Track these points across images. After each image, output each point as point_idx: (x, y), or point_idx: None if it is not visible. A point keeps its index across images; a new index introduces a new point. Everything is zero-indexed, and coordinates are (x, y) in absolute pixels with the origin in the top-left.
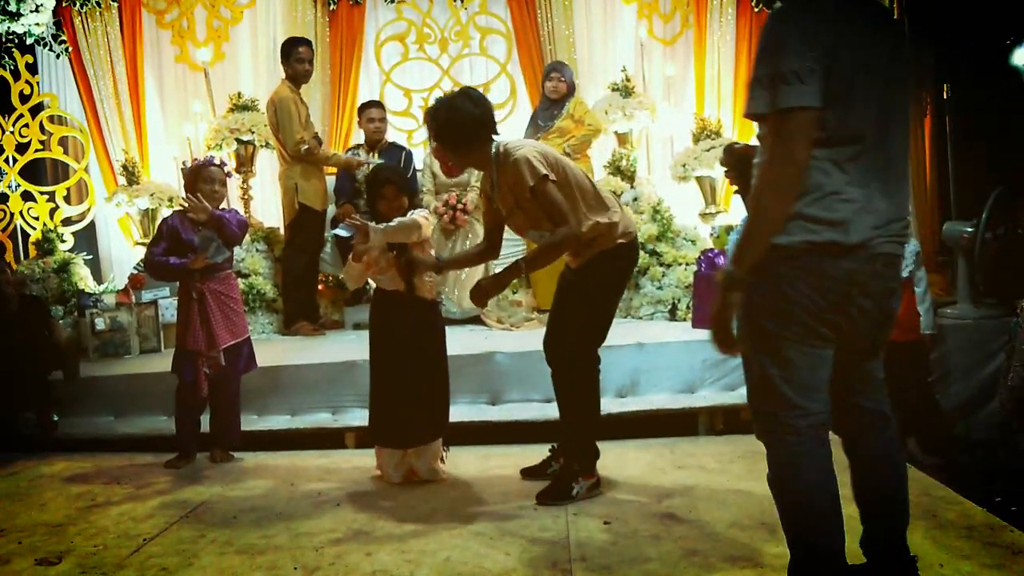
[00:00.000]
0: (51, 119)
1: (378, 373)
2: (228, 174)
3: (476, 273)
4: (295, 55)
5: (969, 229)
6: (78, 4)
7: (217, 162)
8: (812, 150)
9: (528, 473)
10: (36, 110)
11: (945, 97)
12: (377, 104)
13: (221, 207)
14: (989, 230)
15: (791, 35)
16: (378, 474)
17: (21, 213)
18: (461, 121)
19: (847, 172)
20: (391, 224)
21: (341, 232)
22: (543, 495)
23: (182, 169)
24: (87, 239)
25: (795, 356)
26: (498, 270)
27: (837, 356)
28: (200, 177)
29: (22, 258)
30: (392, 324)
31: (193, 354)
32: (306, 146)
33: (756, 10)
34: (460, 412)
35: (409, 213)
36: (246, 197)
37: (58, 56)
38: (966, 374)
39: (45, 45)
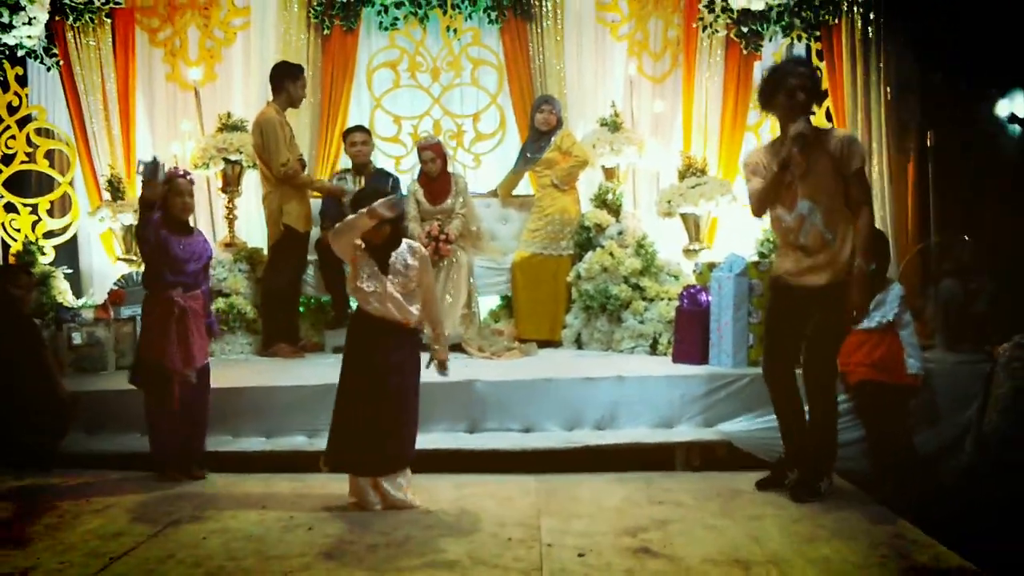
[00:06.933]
0: (38, 131)
1: (349, 397)
2: (191, 181)
3: (459, 300)
4: (302, 81)
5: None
6: (71, 18)
7: (182, 172)
8: None
9: (764, 485)
10: (24, 122)
11: (928, 143)
12: (360, 128)
13: (191, 226)
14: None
15: None
16: (354, 501)
17: (3, 225)
18: None
19: None
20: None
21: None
22: (799, 494)
23: (138, 170)
24: (69, 253)
25: None
26: (481, 298)
27: None
28: (172, 190)
29: None
30: (371, 350)
31: (168, 371)
32: (287, 168)
33: (744, 52)
34: (437, 439)
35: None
36: (231, 216)
37: (49, 69)
38: (940, 420)
39: (36, 58)
